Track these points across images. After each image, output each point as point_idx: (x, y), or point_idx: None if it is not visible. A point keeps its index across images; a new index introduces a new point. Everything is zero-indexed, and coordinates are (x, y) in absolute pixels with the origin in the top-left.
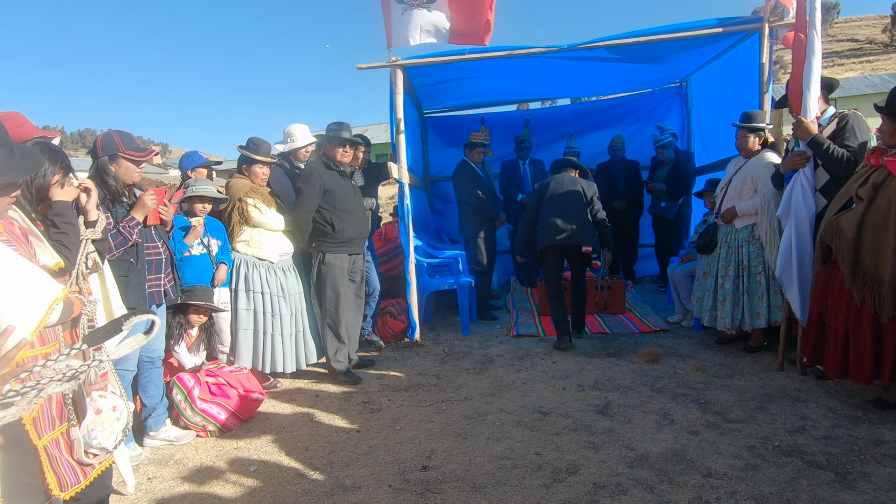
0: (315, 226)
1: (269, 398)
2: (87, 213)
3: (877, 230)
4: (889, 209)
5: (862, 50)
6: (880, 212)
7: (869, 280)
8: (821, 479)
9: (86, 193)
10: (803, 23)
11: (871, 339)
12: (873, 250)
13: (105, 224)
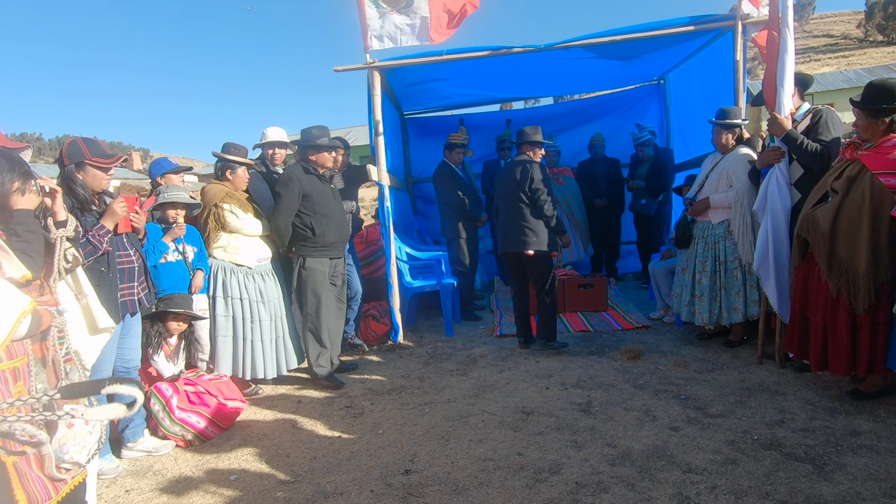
0: (295, 230)
1: (250, 405)
2: (56, 214)
3: (851, 222)
4: (863, 202)
5: (837, 45)
6: (855, 204)
7: (844, 272)
8: (799, 472)
9: (50, 197)
10: (776, 20)
11: (847, 332)
12: (848, 242)
13: (76, 223)
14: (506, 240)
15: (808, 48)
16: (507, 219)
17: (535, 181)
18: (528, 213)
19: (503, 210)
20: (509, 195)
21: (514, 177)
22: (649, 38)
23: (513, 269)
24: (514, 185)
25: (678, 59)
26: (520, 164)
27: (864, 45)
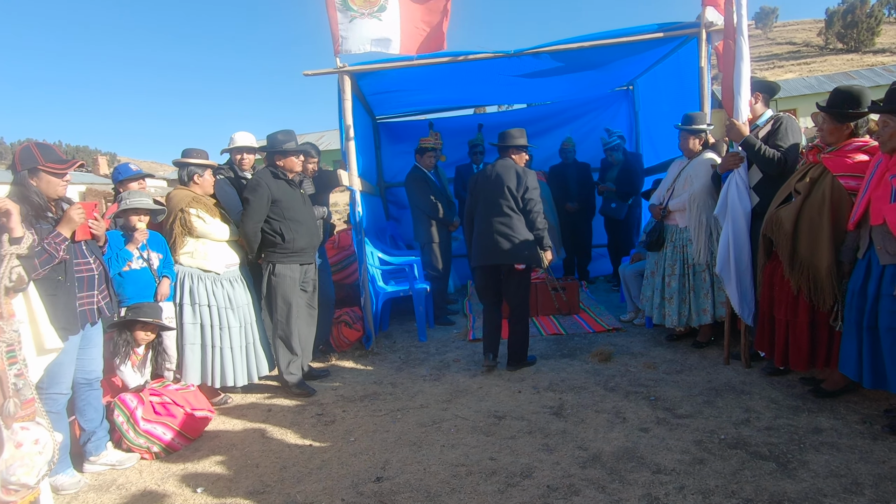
0: (264, 236)
1: (219, 415)
2: (11, 230)
3: (812, 222)
4: (824, 202)
5: (800, 52)
6: (816, 205)
7: (806, 270)
8: (763, 470)
9: (5, 216)
10: (731, 29)
11: (806, 328)
12: (809, 242)
13: (31, 241)
14: (485, 250)
15: (771, 55)
16: (488, 227)
17: (531, 189)
18: (517, 223)
19: (483, 217)
20: (492, 201)
21: (502, 182)
22: (616, 45)
23: (485, 284)
24: (501, 191)
25: (646, 66)
26: (509, 169)
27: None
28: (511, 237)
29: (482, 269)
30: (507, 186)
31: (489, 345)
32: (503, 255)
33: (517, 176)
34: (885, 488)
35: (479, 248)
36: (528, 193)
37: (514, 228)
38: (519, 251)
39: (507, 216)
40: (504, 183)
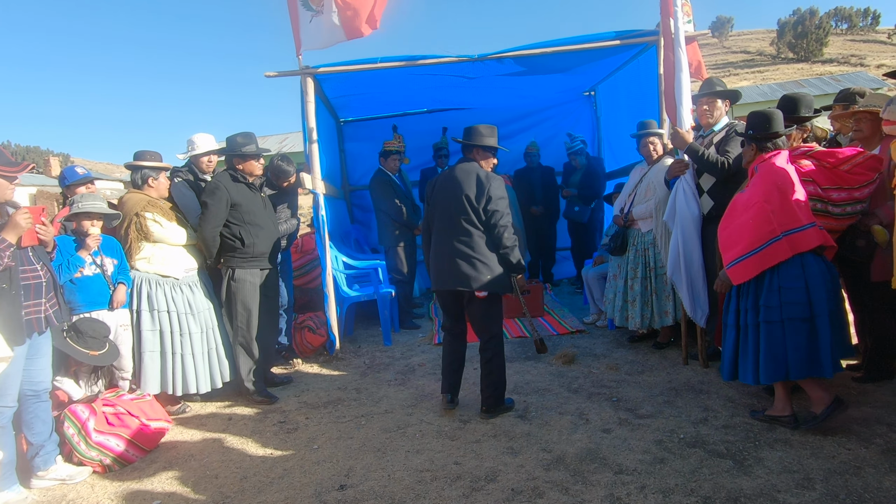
0: (223, 241)
1: (177, 425)
2: None
3: None
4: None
5: (754, 61)
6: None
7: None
8: (721, 468)
9: None
10: (670, 41)
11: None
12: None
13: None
14: (442, 272)
15: (727, 63)
16: (446, 244)
17: (494, 199)
18: (480, 240)
19: (439, 233)
20: (449, 214)
21: (460, 190)
22: (577, 52)
23: (447, 309)
24: (459, 202)
25: (607, 72)
26: (469, 174)
27: (777, 62)
28: (471, 258)
29: (440, 294)
30: (466, 196)
31: (448, 383)
32: (462, 280)
33: (478, 182)
34: (834, 482)
35: (435, 270)
36: (491, 204)
37: (474, 248)
38: (480, 276)
39: (466, 233)
40: (462, 191)
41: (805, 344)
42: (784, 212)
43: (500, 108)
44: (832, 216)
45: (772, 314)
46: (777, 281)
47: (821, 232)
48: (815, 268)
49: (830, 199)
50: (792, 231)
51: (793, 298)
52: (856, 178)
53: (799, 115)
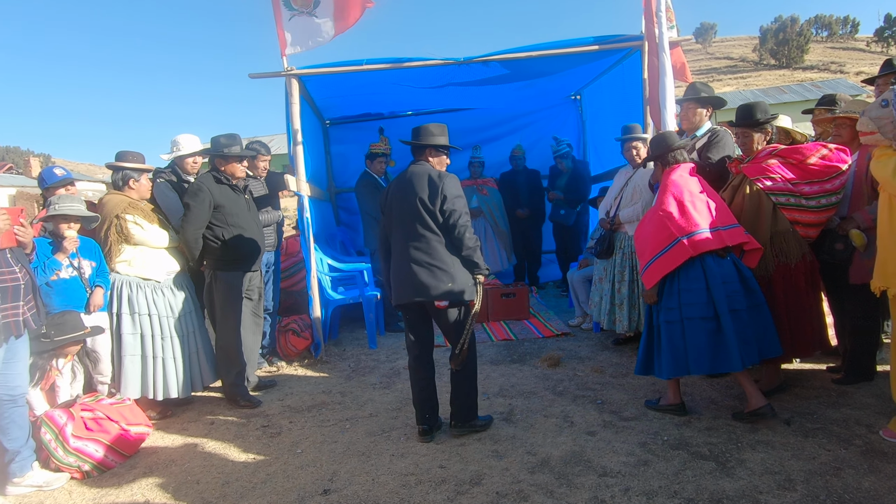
0: (206, 243)
1: (158, 429)
2: None
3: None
4: (743, 203)
5: (736, 67)
6: (737, 208)
7: None
8: (704, 469)
9: None
10: (654, 47)
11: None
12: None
13: None
14: (403, 284)
15: (711, 69)
16: (404, 254)
17: (450, 198)
18: (438, 245)
19: (397, 241)
20: (404, 219)
21: (414, 193)
22: (565, 55)
23: (413, 323)
24: (413, 206)
25: (592, 76)
26: (420, 176)
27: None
28: (429, 265)
29: (403, 308)
30: (420, 199)
31: (422, 414)
32: (421, 290)
33: (430, 183)
34: (815, 483)
35: (395, 283)
36: (447, 204)
37: (432, 254)
38: (439, 284)
39: (422, 239)
40: (415, 195)
41: (706, 341)
42: (682, 218)
43: (486, 111)
44: (808, 209)
45: (671, 315)
46: (677, 284)
47: (723, 235)
48: (717, 269)
49: (802, 192)
50: (691, 234)
51: (693, 300)
52: (824, 170)
53: (755, 119)
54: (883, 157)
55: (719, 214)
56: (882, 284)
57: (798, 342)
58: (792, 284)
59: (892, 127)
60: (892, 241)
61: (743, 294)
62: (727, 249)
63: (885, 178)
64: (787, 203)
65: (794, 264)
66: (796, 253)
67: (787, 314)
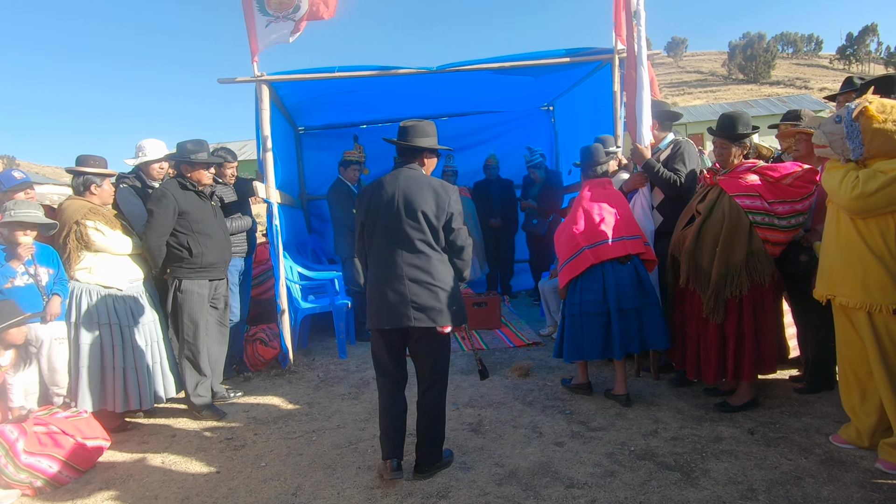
0: (170, 250)
1: (116, 442)
2: None
3: (715, 239)
4: (723, 220)
5: (706, 81)
6: (716, 223)
7: (708, 283)
8: (669, 480)
9: None
10: (632, 61)
11: (715, 342)
12: (710, 256)
13: None
14: (389, 307)
15: (682, 82)
16: (395, 271)
17: (457, 215)
18: (438, 264)
19: (383, 257)
20: (397, 233)
21: (414, 204)
22: (536, 66)
23: (387, 353)
24: (414, 218)
25: (565, 88)
26: (421, 185)
27: (728, 82)
28: (431, 286)
29: (384, 334)
30: (423, 212)
31: (393, 445)
32: (419, 314)
33: (436, 196)
34: (776, 493)
35: (380, 303)
36: (454, 222)
37: (433, 273)
38: (443, 307)
39: (421, 254)
40: (416, 206)
41: (599, 333)
42: (588, 230)
43: (460, 120)
44: (779, 229)
45: (574, 309)
46: (580, 284)
47: (627, 244)
48: (612, 274)
49: (776, 212)
50: (594, 245)
51: (591, 298)
52: (797, 190)
53: (735, 132)
54: (832, 169)
55: (625, 226)
56: (828, 293)
57: (765, 359)
58: (761, 303)
59: (841, 143)
60: (837, 251)
61: (634, 295)
62: (629, 256)
63: (833, 189)
64: (761, 222)
65: (766, 283)
66: (769, 271)
67: (753, 332)
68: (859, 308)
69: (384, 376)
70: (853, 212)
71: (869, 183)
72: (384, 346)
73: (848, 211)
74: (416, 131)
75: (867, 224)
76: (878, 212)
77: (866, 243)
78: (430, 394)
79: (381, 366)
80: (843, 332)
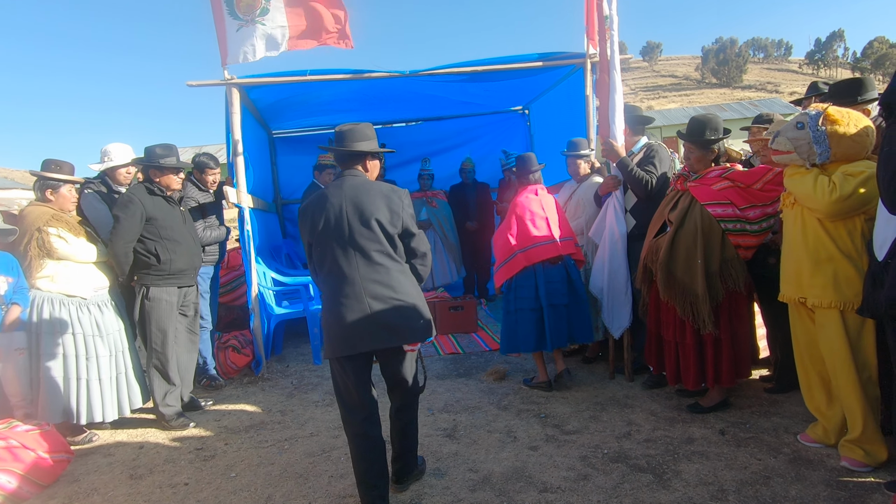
0: (137, 257)
1: (81, 455)
2: None
3: (688, 250)
4: (696, 231)
5: (681, 85)
6: (690, 234)
7: (686, 296)
8: (641, 482)
9: None
10: (605, 64)
11: (693, 349)
12: (686, 269)
13: None
14: (358, 329)
15: (656, 86)
16: (353, 289)
17: (411, 219)
18: (399, 275)
19: (339, 272)
20: (351, 245)
21: (367, 213)
22: (509, 70)
23: (359, 379)
24: (371, 228)
25: (539, 91)
26: (371, 192)
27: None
28: (394, 300)
29: (348, 361)
30: (377, 220)
31: (376, 495)
32: (385, 334)
33: (387, 200)
34: (745, 493)
35: (340, 328)
36: (412, 227)
37: (395, 286)
38: (411, 322)
39: (380, 267)
40: (369, 215)
41: (533, 327)
42: (521, 235)
43: (435, 124)
44: (750, 234)
45: (510, 306)
46: (515, 283)
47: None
48: (543, 273)
49: (748, 218)
50: (526, 248)
51: (524, 294)
52: (767, 194)
53: (702, 138)
54: (797, 174)
55: (557, 229)
56: (797, 294)
57: (741, 364)
58: (736, 309)
59: (807, 148)
60: (805, 253)
61: (564, 293)
62: (560, 257)
63: (807, 193)
64: (733, 229)
65: (741, 289)
66: (743, 277)
67: (730, 339)
68: (832, 307)
69: (353, 412)
70: (831, 215)
71: (845, 186)
72: (350, 376)
73: (825, 215)
74: (355, 135)
75: (836, 226)
76: (851, 213)
77: (836, 244)
78: (403, 413)
79: (349, 400)
80: (804, 334)
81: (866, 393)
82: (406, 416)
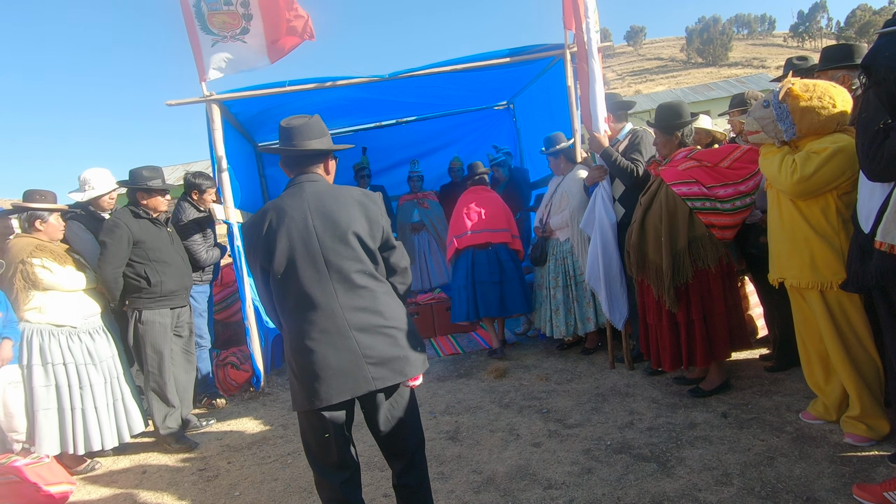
0: (127, 281)
1: (85, 485)
2: None
3: (656, 230)
4: (661, 210)
5: (667, 67)
6: (656, 214)
7: (660, 275)
8: (645, 472)
9: None
10: (584, 53)
11: (667, 331)
12: (655, 247)
13: None
14: (338, 371)
15: (643, 70)
16: (332, 323)
17: (387, 228)
18: (384, 297)
19: (310, 306)
20: (330, 267)
21: (341, 226)
22: (486, 68)
23: (338, 434)
24: (347, 244)
25: (522, 85)
26: (340, 200)
27: (689, 67)
28: (386, 329)
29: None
30: (355, 233)
31: None
32: (379, 371)
33: (362, 208)
34: (750, 475)
35: (319, 373)
36: (391, 237)
37: (383, 312)
38: (407, 353)
39: (363, 290)
40: (345, 227)
41: (465, 301)
42: (456, 225)
43: (421, 125)
44: (724, 212)
45: (454, 283)
46: (454, 265)
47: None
48: (473, 257)
49: (717, 196)
50: (460, 236)
51: (459, 274)
52: (737, 172)
53: (665, 122)
54: (768, 154)
55: (488, 221)
56: (778, 276)
57: (716, 346)
58: (708, 289)
59: (773, 126)
60: (782, 234)
61: (491, 272)
62: (489, 244)
63: (772, 174)
64: (702, 208)
65: (712, 269)
66: (713, 256)
67: (701, 319)
68: (811, 288)
69: (329, 474)
70: (796, 195)
71: (806, 166)
72: (329, 430)
73: (791, 195)
74: (308, 131)
75: (808, 205)
76: (819, 192)
77: (810, 224)
78: (411, 473)
79: (324, 459)
80: (799, 312)
81: (860, 370)
82: (414, 478)
